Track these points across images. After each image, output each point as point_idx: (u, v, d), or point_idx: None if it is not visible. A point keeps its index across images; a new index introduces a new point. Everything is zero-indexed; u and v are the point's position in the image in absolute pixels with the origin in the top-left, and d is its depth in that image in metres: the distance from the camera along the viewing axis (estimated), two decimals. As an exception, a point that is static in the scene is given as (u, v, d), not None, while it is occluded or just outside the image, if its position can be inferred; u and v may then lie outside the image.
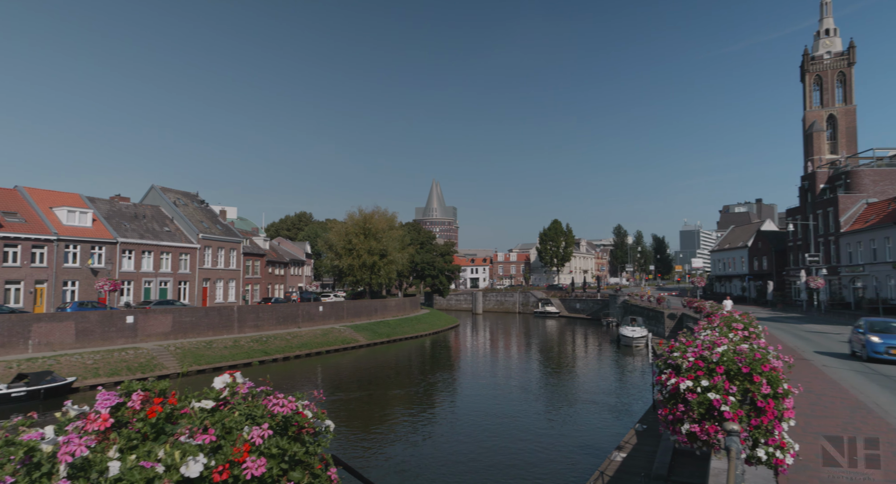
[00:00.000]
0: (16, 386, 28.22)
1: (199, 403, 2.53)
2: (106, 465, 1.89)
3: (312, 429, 2.62)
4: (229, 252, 61.07)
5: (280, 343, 46.48)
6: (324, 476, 2.54)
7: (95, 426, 2.08)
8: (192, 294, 55.23)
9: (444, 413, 28.35)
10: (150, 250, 51.55)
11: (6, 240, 40.82)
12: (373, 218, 70.79)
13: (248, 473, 2.11)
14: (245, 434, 2.31)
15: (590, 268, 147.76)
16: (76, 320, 36.80)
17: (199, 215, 61.70)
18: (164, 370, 36.08)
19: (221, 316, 46.33)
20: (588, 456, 20.21)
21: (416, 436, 23.87)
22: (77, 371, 32.72)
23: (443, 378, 38.90)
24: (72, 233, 45.42)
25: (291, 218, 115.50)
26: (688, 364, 5.85)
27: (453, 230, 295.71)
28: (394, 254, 69.92)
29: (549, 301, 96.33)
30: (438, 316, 79.28)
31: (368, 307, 65.51)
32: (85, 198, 51.02)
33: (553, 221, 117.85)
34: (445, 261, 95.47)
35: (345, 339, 52.65)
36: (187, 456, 2.02)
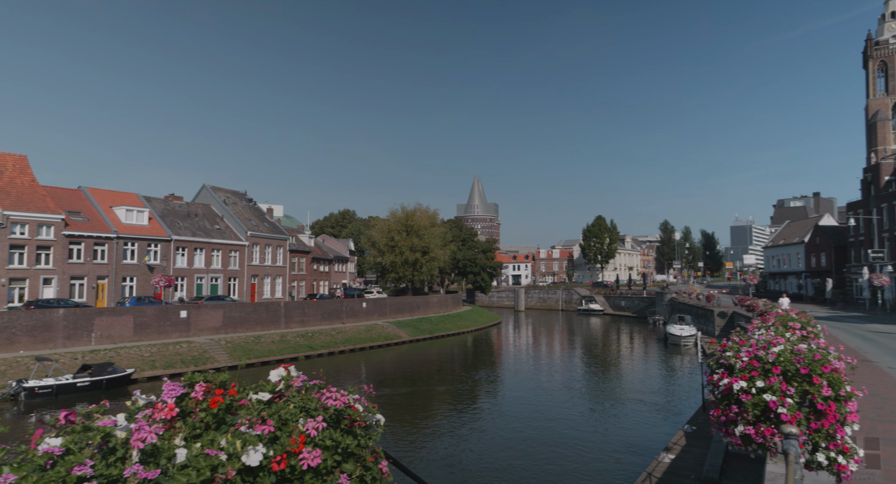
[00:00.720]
0: (81, 376, 29.86)
1: (256, 396, 2.62)
2: (174, 452, 1.99)
3: (364, 422, 2.67)
4: (276, 249, 62.72)
5: (325, 338, 47.47)
6: (375, 469, 2.59)
7: (163, 415, 2.18)
8: (241, 290, 57.03)
9: (488, 410, 28.35)
10: (202, 248, 53.49)
11: (71, 238, 43.16)
12: (415, 215, 71.30)
13: (305, 464, 2.17)
14: (300, 426, 2.38)
15: (635, 265, 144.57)
16: (134, 315, 38.60)
17: (248, 213, 63.59)
18: (215, 363, 37.43)
19: (269, 311, 47.67)
20: (635, 456, 19.83)
21: (460, 432, 23.97)
22: (135, 363, 34.33)
23: (485, 375, 38.89)
24: (130, 231, 47.63)
25: (335, 215, 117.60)
26: (741, 364, 5.66)
27: (495, 227, 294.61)
28: (436, 251, 70.25)
29: (593, 298, 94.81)
30: (480, 313, 79.23)
31: (411, 304, 66.08)
32: (142, 197, 53.38)
33: (597, 217, 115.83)
34: (487, 258, 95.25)
35: (388, 335, 53.30)
36: (247, 445, 2.10)
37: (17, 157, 45.02)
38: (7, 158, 44.35)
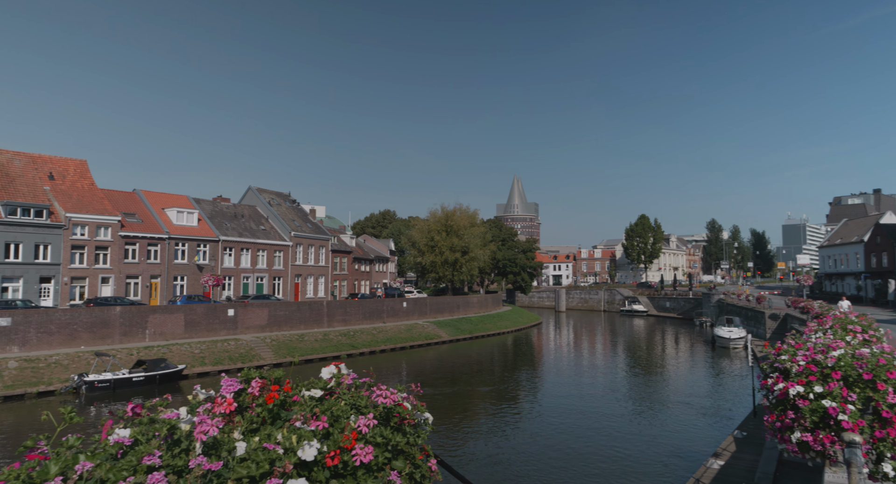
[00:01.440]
0: (136, 371, 31.21)
1: (308, 392, 2.69)
2: (233, 445, 2.06)
3: (413, 420, 2.70)
4: (319, 249, 63.97)
5: (366, 337, 48.11)
6: (424, 467, 2.61)
7: (222, 409, 2.26)
8: (286, 289, 58.42)
9: (529, 410, 28.14)
10: (248, 248, 55.06)
11: (127, 238, 45.17)
12: (454, 215, 71.40)
13: (358, 460, 2.21)
14: (352, 423, 2.43)
15: (680, 265, 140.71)
16: (185, 313, 40.06)
17: (291, 214, 65.08)
18: (261, 361, 38.46)
19: (312, 310, 48.65)
20: (681, 460, 19.31)
21: (502, 431, 23.89)
22: (186, 359, 35.63)
23: (526, 376, 38.61)
24: (181, 232, 49.48)
25: (376, 216, 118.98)
26: (798, 368, 5.44)
27: (535, 227, 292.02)
28: (475, 251, 70.17)
29: (637, 299, 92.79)
30: (520, 313, 78.71)
31: (451, 304, 66.23)
32: (192, 199, 55.36)
33: (640, 216, 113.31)
34: (527, 258, 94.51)
35: (428, 334, 53.58)
36: (303, 440, 2.16)
37: (77, 162, 47.42)
38: (69, 163, 46.77)
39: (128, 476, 1.80)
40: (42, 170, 44.42)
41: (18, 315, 32.57)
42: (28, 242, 39.61)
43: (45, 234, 40.47)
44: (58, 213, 41.74)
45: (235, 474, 1.94)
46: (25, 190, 41.83)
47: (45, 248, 40.58)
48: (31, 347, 32.56)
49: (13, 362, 30.32)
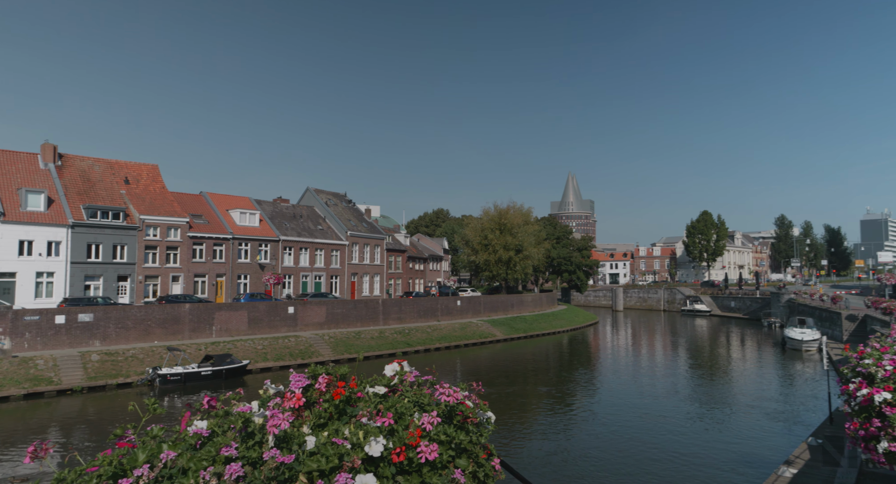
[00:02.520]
0: (204, 366, 32.75)
1: (372, 389, 2.73)
2: (303, 439, 2.12)
3: (476, 419, 2.69)
4: (374, 248, 65.10)
5: (421, 335, 48.57)
6: (487, 466, 2.60)
7: (291, 404, 2.33)
8: (342, 287, 59.80)
9: (588, 411, 27.62)
10: (307, 247, 56.71)
11: (194, 239, 47.48)
12: (508, 213, 70.96)
13: (423, 457, 2.22)
14: (416, 420, 2.44)
15: (746, 263, 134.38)
16: (248, 310, 41.71)
17: (348, 214, 66.53)
18: (319, 357, 39.53)
19: (368, 308, 49.57)
20: (749, 467, 18.44)
21: (560, 432, 23.57)
22: (249, 355, 37.08)
23: (583, 376, 37.92)
24: (243, 232, 51.54)
25: (430, 215, 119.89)
26: (884, 373, 5.07)
27: (591, 224, 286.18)
28: (529, 249, 69.49)
29: (699, 298, 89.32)
30: (576, 312, 77.37)
31: (505, 302, 65.88)
32: (253, 201, 57.56)
33: (702, 213, 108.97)
34: (583, 256, 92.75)
35: (482, 333, 53.52)
36: (369, 436, 2.19)
37: (149, 167, 50.24)
38: (142, 168, 49.62)
39: (207, 466, 1.88)
40: (118, 175, 47.32)
41: (99, 311, 34.86)
42: (107, 243, 42.30)
43: (121, 235, 43.11)
44: (133, 215, 44.36)
45: (306, 468, 1.99)
46: (104, 194, 44.69)
47: (122, 248, 43.22)
48: (110, 341, 34.78)
49: (95, 355, 32.48)
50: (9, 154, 43.14)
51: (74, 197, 42.70)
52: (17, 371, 29.35)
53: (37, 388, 28.82)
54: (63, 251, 40.34)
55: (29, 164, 43.27)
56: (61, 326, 33.17)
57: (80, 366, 31.24)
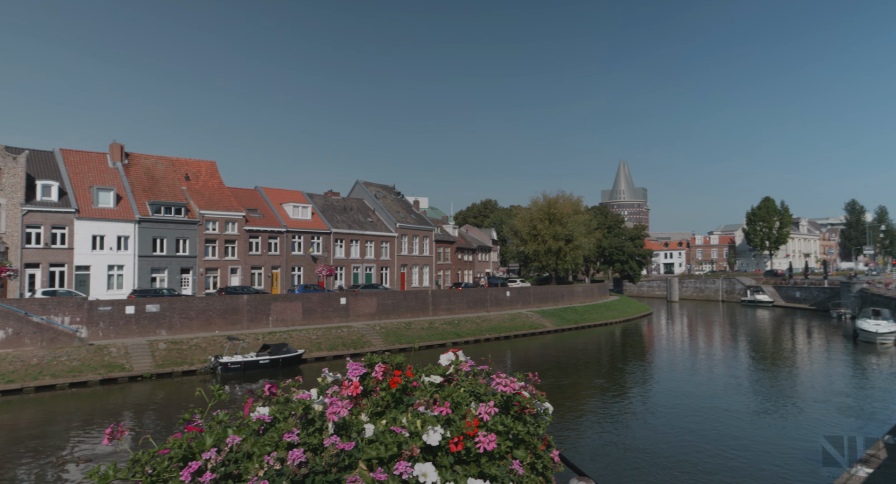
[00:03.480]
0: (262, 355, 33.97)
1: (428, 378, 2.72)
2: (362, 426, 2.13)
3: (533, 410, 2.65)
4: (423, 240, 65.59)
5: (470, 326, 48.69)
6: (546, 457, 2.55)
7: (349, 392, 2.35)
8: (392, 279, 60.62)
9: (643, 404, 27.02)
10: (357, 239, 57.75)
11: (250, 232, 49.17)
12: (557, 203, 69.93)
13: (481, 447, 2.19)
14: (473, 410, 2.42)
15: (813, 251, 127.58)
16: (302, 301, 42.91)
17: (396, 206, 67.25)
18: (371, 347, 40.28)
19: (418, 299, 50.07)
20: (819, 465, 17.56)
21: (613, 425, 23.18)
22: (304, 344, 38.18)
23: (637, 367, 37.09)
24: (297, 225, 52.96)
25: (478, 206, 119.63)
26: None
27: (643, 213, 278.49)
28: (580, 239, 68.33)
29: (760, 288, 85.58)
30: (629, 303, 75.66)
31: (555, 293, 65.14)
32: (305, 194, 59.00)
33: (764, 199, 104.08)
34: (635, 245, 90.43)
35: (532, 324, 53.15)
36: (427, 425, 2.18)
37: (208, 164, 52.27)
38: (201, 165, 51.69)
39: (271, 451, 1.92)
40: (179, 171, 49.48)
41: (165, 302, 36.70)
42: (170, 237, 44.39)
43: (183, 229, 45.13)
44: (193, 210, 46.33)
45: (365, 455, 2.00)
46: (167, 190, 46.87)
47: (184, 242, 45.25)
48: (175, 330, 36.58)
49: (162, 344, 34.26)
50: (82, 154, 45.83)
51: (140, 194, 44.97)
52: (93, 358, 31.34)
53: (111, 374, 30.69)
54: (131, 245, 42.62)
55: (99, 163, 45.84)
56: (131, 316, 35.13)
57: (148, 354, 33.04)
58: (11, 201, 37.87)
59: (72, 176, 43.04)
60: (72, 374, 29.92)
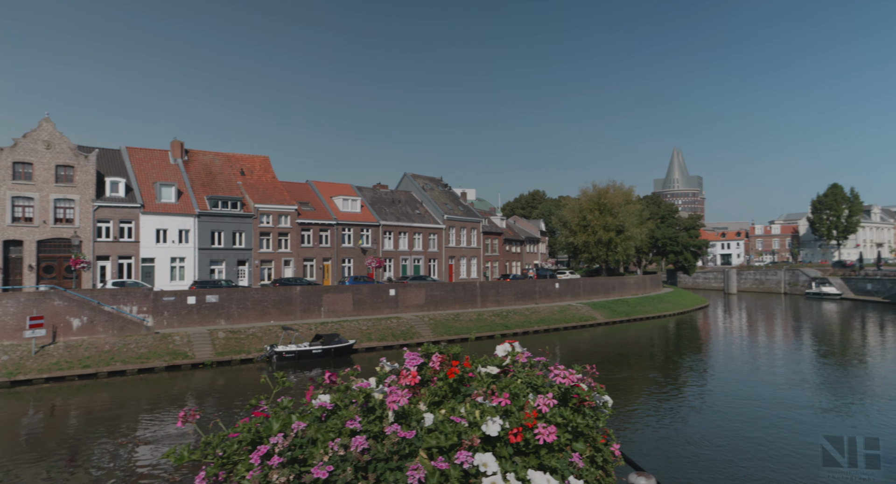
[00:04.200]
0: (315, 344, 34.89)
1: (484, 369, 2.71)
2: (421, 416, 2.15)
3: (592, 402, 2.60)
4: (470, 231, 65.58)
5: (519, 318, 48.42)
6: (606, 451, 2.51)
7: (407, 381, 2.37)
8: (440, 270, 60.94)
9: (698, 397, 26.22)
10: (405, 231, 58.31)
11: (302, 225, 50.46)
12: (607, 193, 68.40)
13: (541, 439, 2.17)
14: (531, 401, 2.40)
15: (886, 240, 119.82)
16: (353, 292, 43.76)
17: (444, 198, 67.44)
18: (420, 338, 40.69)
19: (466, 291, 50.16)
20: (893, 465, 16.57)
21: (669, 417, 22.62)
22: (355, 335, 38.96)
23: (693, 361, 35.98)
24: (346, 218, 53.97)
25: (525, 197, 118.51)
26: None
27: (698, 202, 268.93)
28: (631, 229, 66.64)
29: (826, 280, 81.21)
30: (683, 295, 73.37)
31: (605, 285, 63.90)
32: (355, 187, 59.98)
33: (830, 186, 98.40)
34: (690, 235, 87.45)
35: (582, 316, 52.36)
36: (485, 416, 2.18)
37: (261, 159, 53.88)
38: (255, 160, 53.34)
39: (334, 437, 1.96)
40: (235, 167, 51.24)
41: (223, 293, 38.21)
42: (227, 231, 46.12)
43: (239, 223, 46.78)
44: (248, 204, 47.92)
45: (425, 444, 2.01)
46: (224, 185, 48.64)
47: (240, 235, 46.92)
48: (233, 320, 38.06)
49: (222, 333, 35.73)
50: (146, 151, 48.14)
51: (199, 189, 46.86)
52: (158, 346, 33.04)
53: (175, 361, 32.29)
54: (191, 238, 44.54)
55: (161, 160, 48.03)
56: (192, 305, 36.77)
57: (209, 342, 34.53)
58: (84, 197, 40.23)
59: (137, 173, 45.29)
60: (140, 360, 31.66)
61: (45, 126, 39.63)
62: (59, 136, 39.91)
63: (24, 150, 38.57)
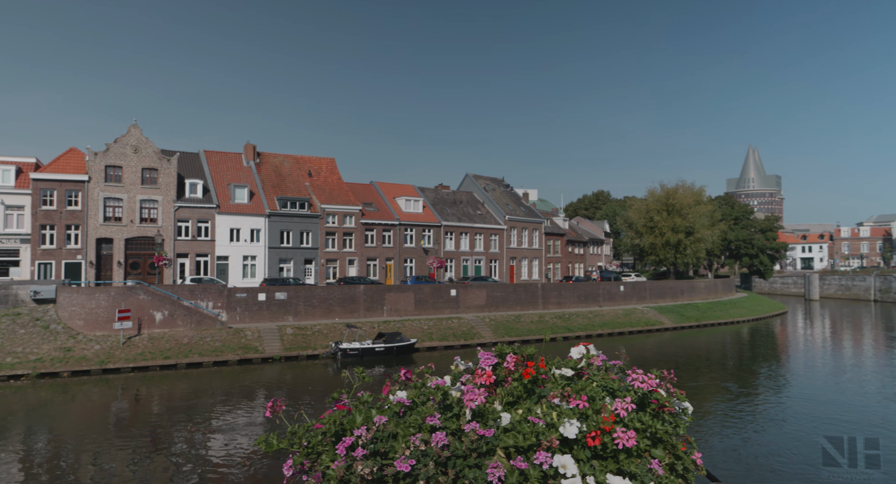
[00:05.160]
0: (378, 342, 35.60)
1: (559, 371, 2.69)
2: (498, 415, 2.15)
3: (672, 408, 2.53)
4: (532, 232, 64.90)
5: (582, 321, 47.45)
6: (687, 459, 2.43)
7: (482, 380, 2.38)
8: (501, 271, 60.67)
9: (777, 408, 24.76)
10: (466, 232, 58.46)
11: (366, 225, 51.62)
12: (676, 193, 65.84)
13: (620, 444, 2.13)
14: (608, 405, 2.35)
15: None
16: (414, 292, 44.32)
17: (505, 199, 67.09)
18: (481, 339, 40.67)
19: (527, 292, 49.69)
20: None
21: (743, 429, 21.50)
22: (416, 334, 39.44)
23: (769, 370, 34.02)
24: (409, 218, 54.73)
25: (589, 197, 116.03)
26: None
27: (776, 202, 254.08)
28: (702, 231, 63.85)
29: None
30: (759, 300, 69.55)
31: (673, 288, 61.54)
32: (417, 188, 60.73)
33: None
34: (767, 238, 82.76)
35: (648, 320, 50.67)
36: (563, 418, 2.16)
37: (327, 160, 55.56)
38: (322, 162, 55.08)
39: (414, 432, 2.01)
40: (303, 168, 53.12)
41: (291, 291, 39.69)
42: (295, 230, 47.87)
43: (307, 223, 48.45)
44: (315, 205, 49.54)
45: (503, 443, 2.02)
46: (292, 186, 50.54)
47: (307, 234, 48.58)
48: (300, 317, 39.45)
49: (290, 329, 37.13)
50: (221, 154, 50.76)
51: (269, 190, 48.92)
52: (232, 340, 34.75)
53: (246, 355, 33.85)
54: (262, 238, 46.56)
55: (235, 162, 50.49)
56: (262, 302, 38.42)
57: (278, 338, 35.97)
58: (166, 198, 42.90)
59: (213, 174, 47.83)
60: (215, 353, 33.41)
61: (133, 132, 42.57)
62: (145, 141, 42.77)
63: (115, 155, 41.59)
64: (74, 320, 32.69)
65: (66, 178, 39.87)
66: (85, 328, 32.66)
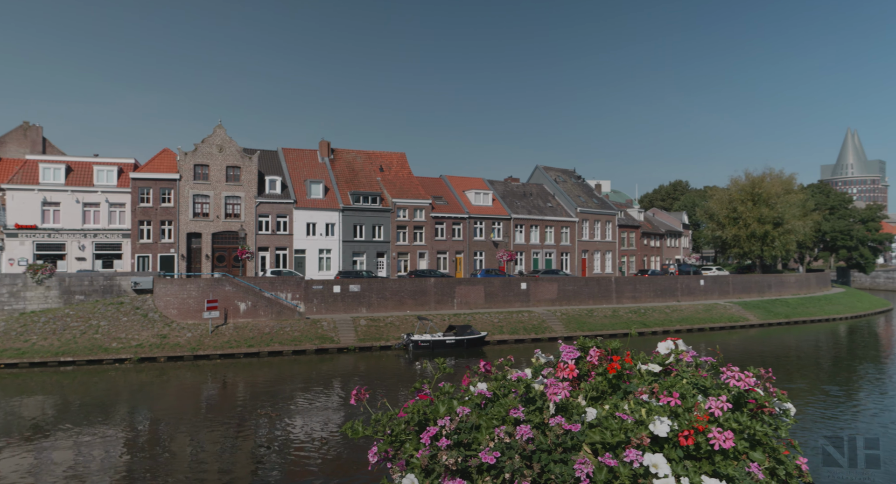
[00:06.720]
0: (448, 335, 35.90)
1: (645, 366, 2.58)
2: (583, 410, 2.09)
3: (772, 409, 2.36)
4: (605, 224, 63.07)
5: (658, 316, 45.68)
6: (790, 464, 2.26)
7: (565, 374, 2.32)
8: (573, 265, 59.41)
9: (881, 412, 22.79)
10: (537, 224, 57.66)
11: (436, 219, 52.08)
12: (763, 181, 61.73)
13: (716, 444, 2.01)
14: (701, 403, 2.23)
15: None
16: (484, 285, 44.29)
17: (577, 190, 65.55)
18: (552, 333, 40.08)
19: (600, 286, 48.40)
20: None
21: (847, 429, 19.96)
22: (486, 327, 39.43)
23: (872, 371, 31.35)
24: (478, 211, 54.68)
25: (666, 188, 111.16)
26: None
27: (879, 190, 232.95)
28: (792, 222, 59.56)
29: None
30: (858, 296, 64.15)
31: (760, 283, 57.93)
32: (486, 181, 60.53)
33: None
34: (868, 229, 76.07)
35: (731, 316, 48.02)
36: (653, 415, 2.06)
37: (398, 155, 56.47)
38: (392, 157, 56.05)
39: (498, 424, 1.98)
40: (374, 164, 54.29)
41: (364, 283, 40.78)
42: (368, 224, 49.08)
43: (378, 217, 49.54)
44: (387, 199, 50.53)
45: (590, 439, 1.95)
46: (365, 181, 51.81)
47: (379, 228, 49.68)
48: (373, 309, 40.47)
49: (363, 320, 38.20)
50: (298, 152, 52.82)
51: (343, 185, 50.39)
52: (309, 330, 36.21)
53: (323, 345, 35.17)
54: (336, 231, 48.09)
55: (311, 159, 52.38)
56: (337, 294, 39.73)
57: (352, 329, 37.10)
58: (248, 194, 45.22)
59: (290, 171, 49.86)
60: (294, 343, 34.95)
61: (219, 132, 45.11)
62: (229, 141, 45.22)
63: (202, 154, 44.27)
64: (169, 309, 35.22)
65: (160, 177, 42.90)
66: (178, 317, 35.11)
